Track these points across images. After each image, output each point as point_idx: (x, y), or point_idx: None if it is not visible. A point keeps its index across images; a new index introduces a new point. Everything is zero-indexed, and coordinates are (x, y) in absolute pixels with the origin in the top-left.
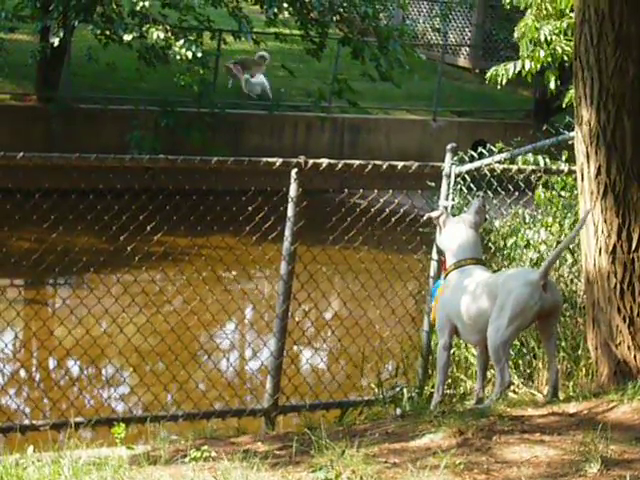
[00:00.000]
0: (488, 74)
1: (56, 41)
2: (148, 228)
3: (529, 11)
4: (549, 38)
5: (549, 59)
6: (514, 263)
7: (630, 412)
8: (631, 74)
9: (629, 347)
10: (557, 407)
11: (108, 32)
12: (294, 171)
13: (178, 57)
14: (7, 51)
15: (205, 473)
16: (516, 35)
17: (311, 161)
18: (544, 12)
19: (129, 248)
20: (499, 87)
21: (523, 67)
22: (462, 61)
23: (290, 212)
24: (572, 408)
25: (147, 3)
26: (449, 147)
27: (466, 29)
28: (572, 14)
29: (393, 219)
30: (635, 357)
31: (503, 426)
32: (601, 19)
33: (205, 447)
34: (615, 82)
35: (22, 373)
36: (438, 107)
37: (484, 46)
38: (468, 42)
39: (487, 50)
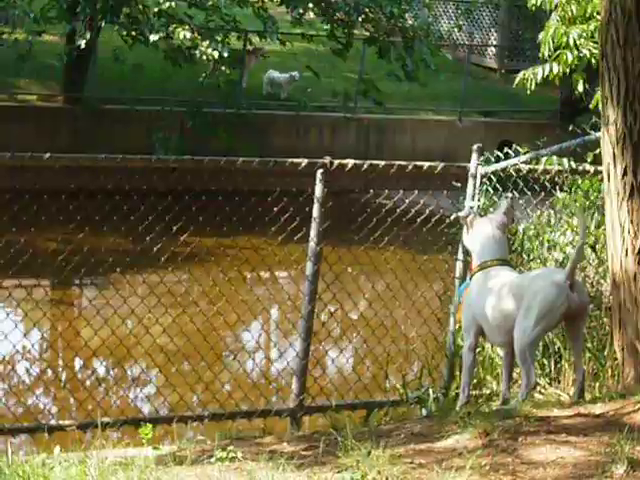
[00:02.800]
0: (517, 80)
1: (83, 43)
2: (174, 229)
3: (554, 14)
4: (578, 42)
5: (576, 62)
6: (540, 264)
7: None
8: None
9: None
10: (583, 408)
11: (134, 33)
12: (320, 172)
13: (204, 57)
14: (35, 54)
15: (231, 473)
16: (540, 38)
17: (337, 162)
18: (569, 14)
19: (155, 249)
20: (528, 92)
21: (551, 71)
22: (488, 61)
23: (315, 213)
24: (598, 409)
25: (173, 3)
26: (475, 147)
27: (492, 29)
28: (598, 17)
29: (419, 219)
30: None
31: (529, 427)
32: (627, 19)
33: (231, 447)
34: None
35: (49, 373)
36: (464, 107)
37: (510, 46)
38: (494, 42)
39: (513, 50)
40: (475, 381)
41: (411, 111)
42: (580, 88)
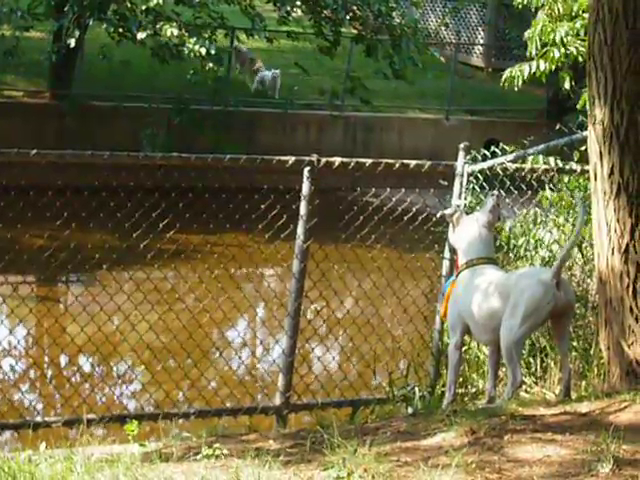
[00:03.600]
0: (503, 77)
1: (72, 42)
2: (161, 225)
3: (540, 12)
4: (565, 39)
5: (563, 60)
6: (526, 262)
7: None
8: None
9: None
10: (569, 407)
11: (122, 30)
12: (307, 169)
13: (192, 54)
14: (22, 50)
15: (217, 471)
16: (526, 36)
17: (324, 159)
18: (556, 13)
19: (142, 245)
20: (515, 89)
21: (538, 68)
22: (475, 60)
23: (302, 210)
24: (584, 408)
25: (161, 0)
26: (462, 146)
27: (479, 28)
28: (585, 15)
29: (405, 217)
30: None
31: (515, 425)
32: (615, 18)
33: (217, 445)
34: (629, 81)
35: (34, 370)
36: (451, 106)
37: (497, 45)
38: (481, 41)
39: (500, 49)
40: (461, 379)
41: (398, 109)
42: (567, 85)
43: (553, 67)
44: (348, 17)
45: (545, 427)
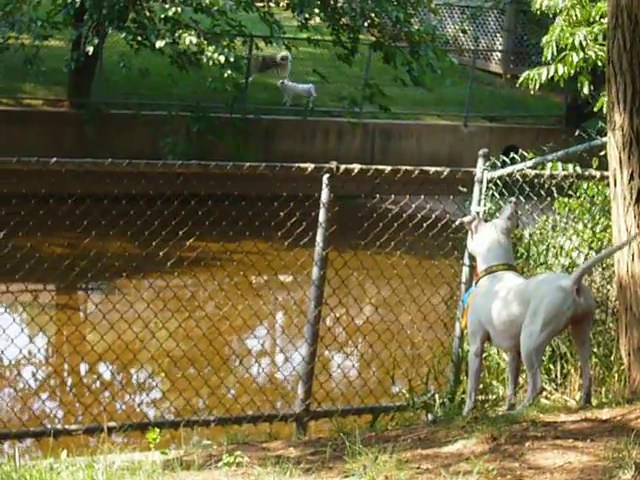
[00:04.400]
0: (520, 79)
1: (91, 49)
2: (180, 233)
3: (559, 17)
4: (584, 43)
5: (582, 64)
6: (546, 270)
7: None
8: None
9: None
10: (590, 413)
11: (140, 38)
12: (326, 176)
13: (211, 62)
14: (41, 59)
15: (238, 478)
16: (544, 40)
17: (343, 166)
18: (574, 19)
19: (161, 253)
20: (532, 92)
21: (556, 72)
22: (493, 66)
23: (322, 217)
24: (605, 414)
25: (179, 9)
26: (481, 152)
27: (497, 34)
28: (602, 20)
29: (425, 224)
30: None
31: (536, 432)
32: (634, 24)
33: (238, 452)
34: None
35: (54, 378)
36: (469, 112)
37: (515, 51)
38: (499, 47)
39: (518, 55)
40: (481, 386)
41: (417, 116)
42: (585, 90)
43: (572, 71)
44: (366, 24)
45: (566, 434)
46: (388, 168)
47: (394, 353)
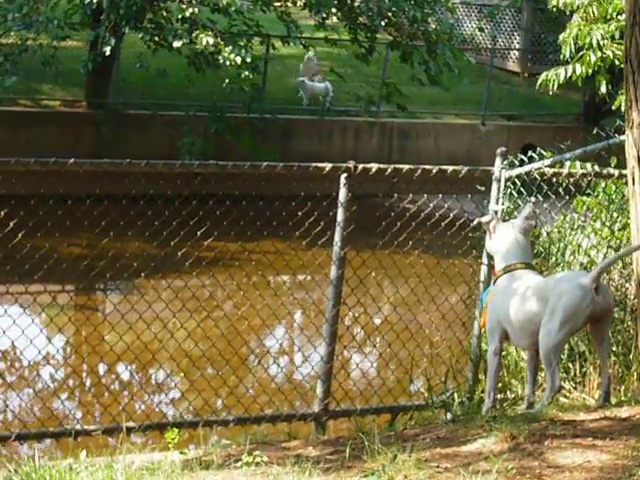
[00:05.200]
0: (539, 80)
1: (108, 50)
2: (198, 233)
3: (575, 15)
4: (601, 42)
5: (600, 63)
6: (565, 268)
7: None
8: None
9: None
10: (609, 412)
11: (157, 38)
12: (344, 176)
13: (228, 62)
14: (59, 60)
15: (258, 478)
16: (561, 38)
17: (361, 166)
18: (591, 16)
19: (179, 253)
20: (550, 92)
21: (574, 72)
22: (511, 65)
23: (340, 217)
24: (624, 413)
25: (196, 9)
26: (499, 151)
27: (515, 33)
28: (619, 17)
29: (443, 223)
30: None
31: (555, 431)
32: None
33: (257, 452)
34: None
35: (73, 378)
36: (487, 111)
37: (533, 50)
38: (517, 46)
39: (536, 54)
40: (500, 385)
41: (434, 115)
42: (603, 89)
43: (590, 71)
44: (383, 23)
45: (585, 432)
46: (406, 167)
47: (412, 352)
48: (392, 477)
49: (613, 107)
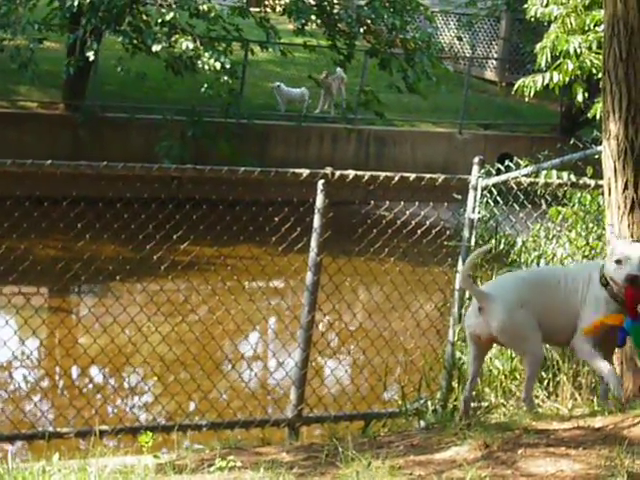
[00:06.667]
0: (515, 86)
1: (91, 55)
2: (174, 237)
3: (553, 25)
4: (578, 51)
5: (578, 72)
6: None
7: None
8: None
9: None
10: (583, 421)
11: (136, 42)
12: (321, 182)
13: (207, 67)
14: (36, 62)
15: None
16: (538, 47)
17: (338, 172)
18: (568, 26)
19: (155, 257)
20: (526, 99)
21: (551, 79)
22: (489, 74)
23: (316, 223)
24: (598, 422)
25: (177, 14)
26: (476, 160)
27: (493, 42)
28: (597, 29)
29: (419, 231)
30: None
31: (528, 439)
32: (630, 34)
33: (231, 457)
34: None
35: (47, 380)
36: (464, 120)
37: (511, 59)
38: (495, 55)
39: (514, 63)
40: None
41: (412, 123)
42: (580, 98)
43: (567, 79)
44: (362, 30)
45: (558, 441)
46: (383, 174)
47: (386, 359)
48: None
49: (589, 115)
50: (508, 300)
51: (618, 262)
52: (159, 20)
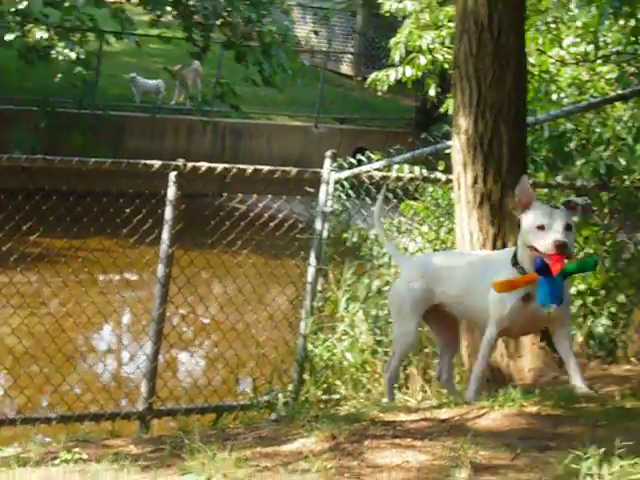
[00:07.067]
0: (369, 80)
1: None
2: (24, 228)
3: (407, 21)
4: (431, 46)
5: (430, 67)
6: (388, 269)
7: (500, 419)
8: (509, 84)
9: (501, 355)
10: (429, 413)
11: None
12: (173, 174)
13: (61, 57)
14: None
15: (75, 475)
16: (392, 42)
17: (190, 164)
18: (422, 22)
19: (4, 248)
20: (379, 93)
21: (404, 74)
22: (345, 68)
23: (168, 215)
24: (444, 414)
25: (29, 2)
26: (328, 153)
27: (349, 37)
28: (450, 24)
29: (272, 224)
30: (507, 365)
31: (375, 431)
32: (480, 30)
33: (77, 449)
34: (493, 92)
35: None
36: (320, 114)
37: (367, 54)
38: (351, 50)
39: (369, 58)
40: (325, 386)
41: (268, 116)
42: (432, 92)
43: (419, 74)
44: (218, 23)
45: (405, 433)
46: (236, 167)
47: (239, 352)
48: (211, 475)
49: (442, 110)
50: (409, 264)
51: (541, 228)
52: (11, 9)
